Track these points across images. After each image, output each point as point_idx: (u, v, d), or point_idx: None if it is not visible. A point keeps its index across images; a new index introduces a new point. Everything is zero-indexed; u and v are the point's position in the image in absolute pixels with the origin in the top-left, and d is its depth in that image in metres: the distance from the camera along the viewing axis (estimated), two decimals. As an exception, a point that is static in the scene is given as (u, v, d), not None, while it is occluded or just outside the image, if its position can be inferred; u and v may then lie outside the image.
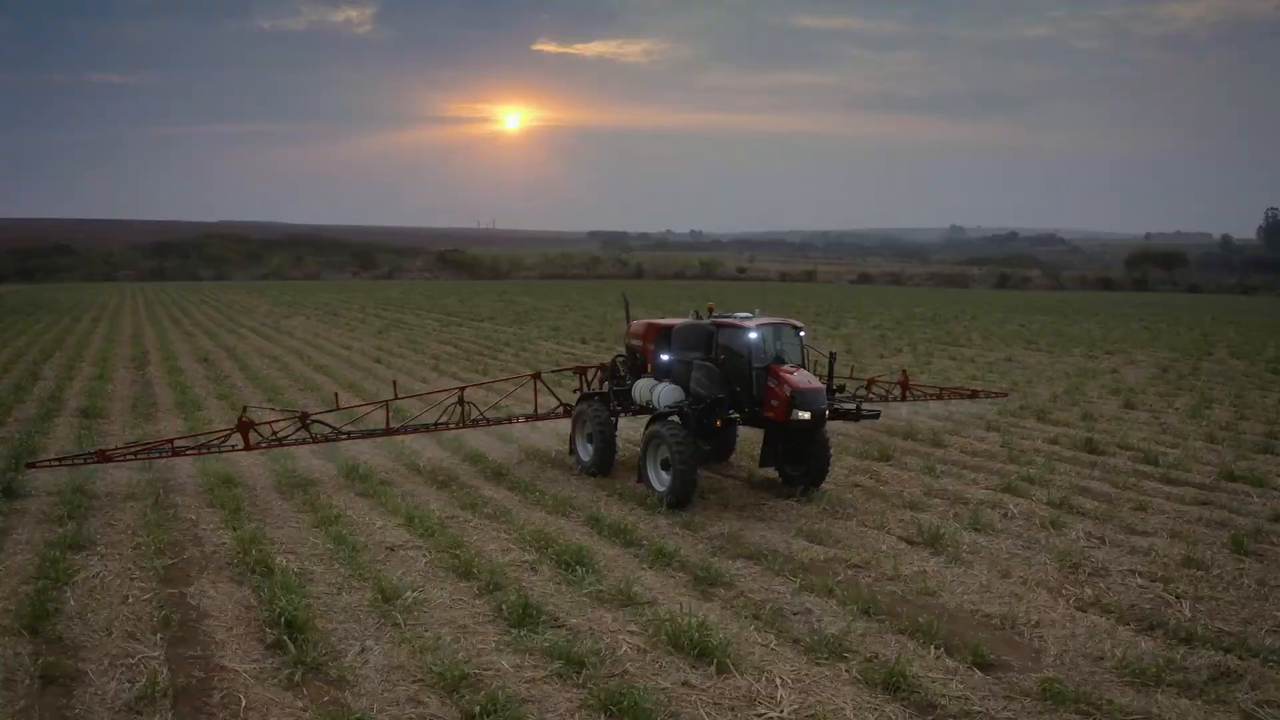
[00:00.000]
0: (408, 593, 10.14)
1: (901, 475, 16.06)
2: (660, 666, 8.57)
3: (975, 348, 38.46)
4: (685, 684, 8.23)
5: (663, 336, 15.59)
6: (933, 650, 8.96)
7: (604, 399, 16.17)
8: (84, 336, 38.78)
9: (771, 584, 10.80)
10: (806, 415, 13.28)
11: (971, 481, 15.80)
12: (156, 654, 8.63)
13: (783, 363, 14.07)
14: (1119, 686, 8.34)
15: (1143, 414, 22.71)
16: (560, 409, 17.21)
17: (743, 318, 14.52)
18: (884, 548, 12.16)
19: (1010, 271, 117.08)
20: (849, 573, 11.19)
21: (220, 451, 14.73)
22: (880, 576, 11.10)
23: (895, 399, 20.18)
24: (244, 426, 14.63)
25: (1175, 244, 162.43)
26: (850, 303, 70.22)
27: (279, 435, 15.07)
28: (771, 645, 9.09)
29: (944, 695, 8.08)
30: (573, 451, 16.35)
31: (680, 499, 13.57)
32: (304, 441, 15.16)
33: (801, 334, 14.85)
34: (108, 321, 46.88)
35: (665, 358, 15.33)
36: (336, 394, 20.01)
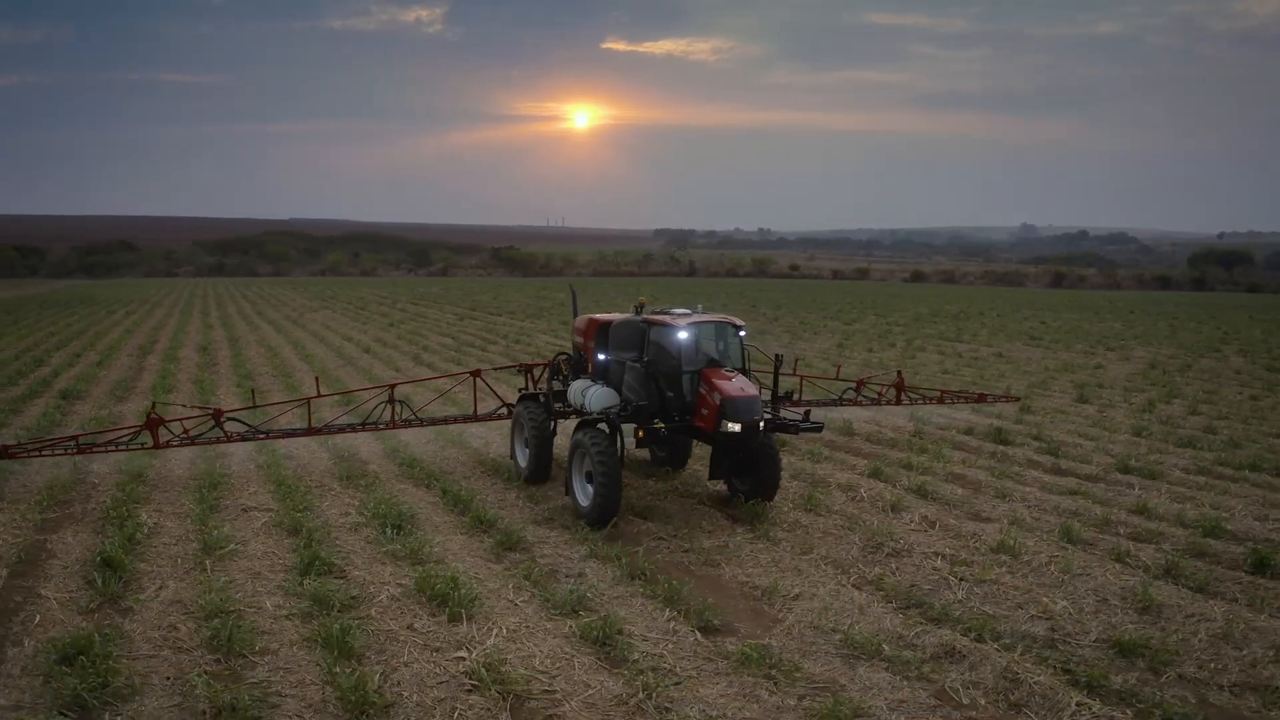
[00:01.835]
0: (230, 545, 11.61)
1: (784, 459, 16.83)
2: (400, 612, 9.81)
3: (973, 343, 38.83)
4: (410, 627, 9.45)
5: (601, 334, 14.66)
6: (666, 613, 9.93)
7: (545, 400, 15.37)
8: (107, 327, 42.02)
9: (568, 551, 11.90)
10: (736, 427, 12.27)
11: (848, 466, 16.52)
12: (0, 583, 10.29)
13: (719, 366, 13.12)
14: (826, 658, 9.08)
15: (1091, 408, 22.97)
16: (503, 409, 16.84)
17: (679, 314, 13.59)
18: (704, 524, 13.12)
19: (1067, 270, 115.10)
20: (653, 544, 12.18)
21: (128, 449, 14.54)
22: (678, 549, 12.08)
23: (889, 402, 19.56)
24: (153, 423, 14.34)
25: (1247, 244, 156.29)
26: (881, 300, 70.57)
27: (191, 434, 14.82)
28: (519, 602, 10.21)
29: (644, 652, 9.03)
30: (513, 456, 15.66)
31: (601, 516, 12.60)
32: (217, 440, 14.89)
33: (742, 334, 13.81)
34: (140, 314, 50.35)
35: (602, 357, 14.46)
36: (253, 390, 19.95)
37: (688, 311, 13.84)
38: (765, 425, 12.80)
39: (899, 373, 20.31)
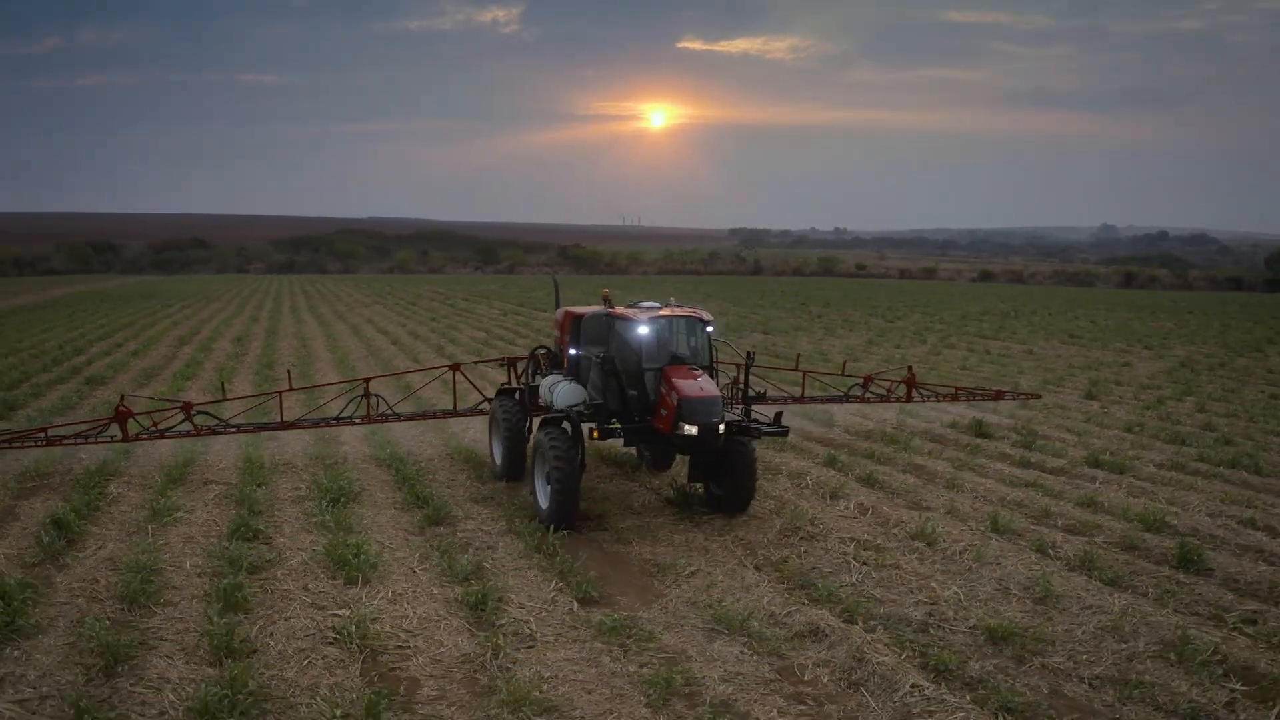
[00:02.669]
0: (177, 513, 12.66)
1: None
2: (303, 574, 10.63)
3: (1008, 341, 38.53)
4: (305, 588, 10.24)
5: (575, 327, 14.25)
6: (554, 584, 10.52)
7: (521, 396, 15.17)
8: (157, 319, 44.56)
9: (490, 526, 12.59)
10: (693, 430, 11.75)
11: (809, 455, 16.82)
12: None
13: (682, 364, 12.65)
14: (688, 631, 9.46)
15: (1094, 405, 22.76)
16: (484, 404, 16.61)
17: (648, 307, 13.31)
18: (635, 504, 13.64)
19: (1138, 270, 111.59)
20: (578, 523, 12.71)
21: (97, 441, 14.64)
22: (596, 527, 12.64)
23: (899, 399, 19.06)
24: (122, 416, 14.48)
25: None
26: (937, 299, 69.79)
27: (160, 427, 15.03)
28: (419, 570, 10.91)
29: (513, 618, 9.56)
30: (490, 452, 15.45)
31: (558, 520, 12.20)
32: (187, 434, 14.99)
33: (709, 329, 13.34)
34: (195, 308, 53.10)
35: (573, 352, 14.11)
36: (224, 384, 19.88)
37: (657, 306, 13.42)
38: (727, 429, 12.14)
39: (910, 369, 19.79)
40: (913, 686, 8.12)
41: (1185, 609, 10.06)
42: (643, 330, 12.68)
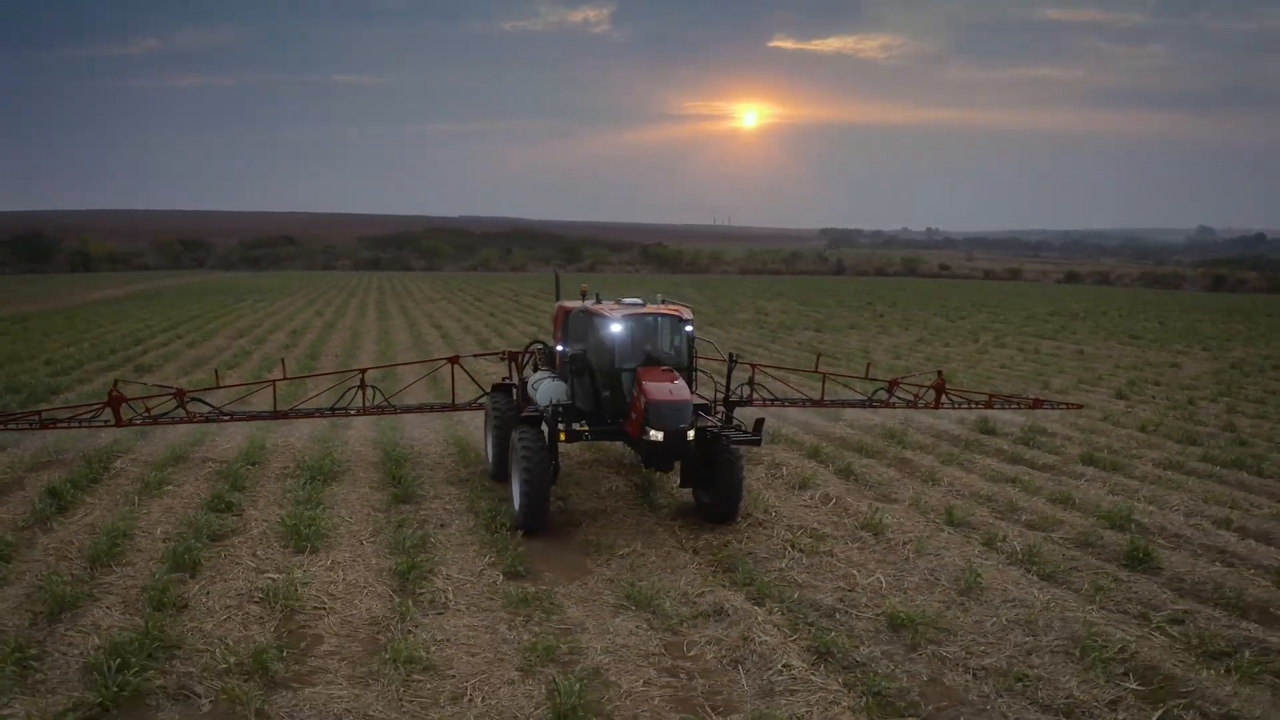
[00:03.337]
0: (168, 486, 13.78)
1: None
2: (258, 542, 11.50)
3: (1063, 341, 37.84)
4: (254, 554, 11.11)
5: (565, 323, 13.96)
6: (487, 559, 11.15)
7: (515, 392, 14.91)
8: (223, 312, 47.04)
9: (453, 505, 13.29)
10: (659, 435, 11.33)
11: (797, 446, 17.11)
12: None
13: (658, 364, 12.30)
14: (596, 606, 9.94)
15: (1120, 405, 22.29)
16: (484, 398, 16.14)
17: (628, 304, 13.08)
18: (601, 489, 14.23)
19: (1228, 273, 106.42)
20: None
21: (89, 426, 15.00)
22: (556, 509, 13.19)
23: (927, 405, 18.18)
24: (115, 401, 14.77)
25: None
26: (1009, 299, 68.51)
27: (153, 412, 15.35)
28: (366, 542, 11.67)
29: (436, 588, 10.22)
30: (485, 449, 15.17)
31: (526, 523, 11.98)
32: (180, 420, 15.26)
33: (688, 329, 12.99)
34: (267, 301, 55.79)
35: (559, 348, 13.84)
36: (216, 370, 19.78)
37: (639, 302, 13.13)
38: (699, 436, 11.80)
39: (939, 373, 18.83)
40: (784, 666, 8.39)
41: (1114, 606, 10.00)
42: (615, 328, 12.37)
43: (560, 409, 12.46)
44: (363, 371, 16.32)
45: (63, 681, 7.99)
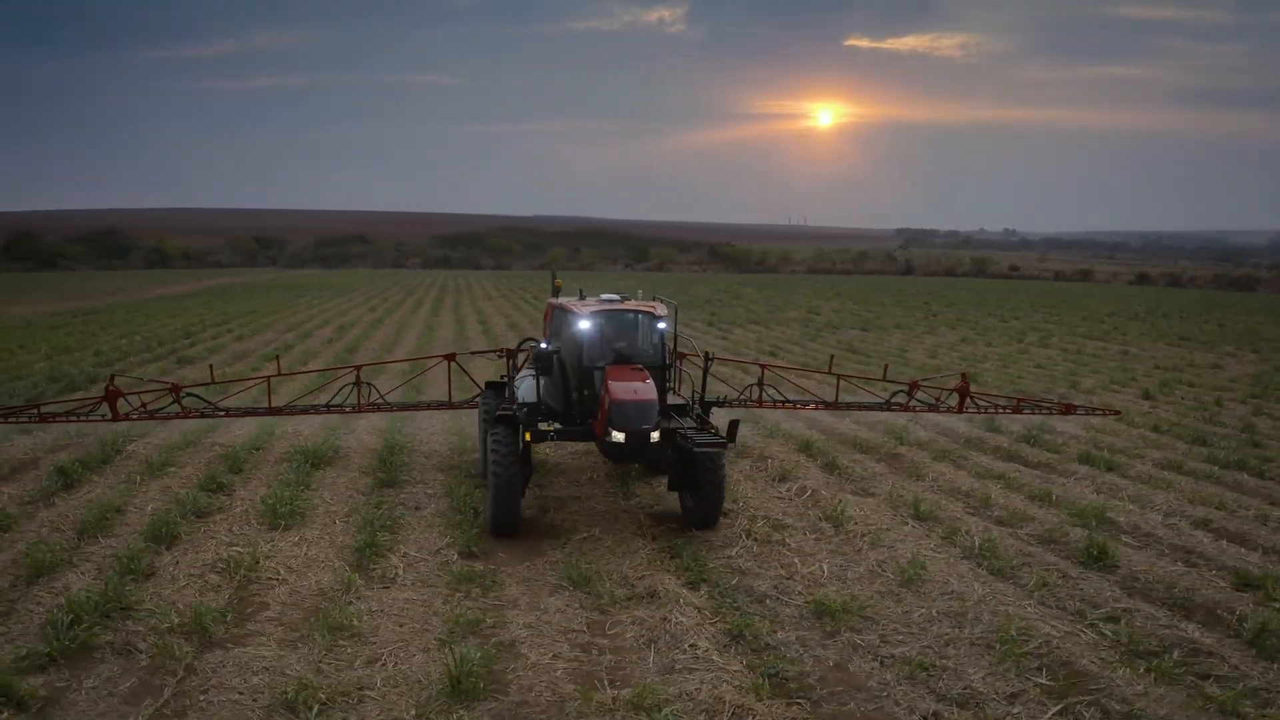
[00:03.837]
0: (171, 467, 14.75)
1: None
2: (239, 520, 12.26)
3: (1110, 342, 37.20)
4: (230, 529, 11.87)
5: (550, 321, 13.96)
6: (447, 539, 11.71)
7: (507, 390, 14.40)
8: (278, 308, 48.91)
9: (435, 490, 13.92)
10: (620, 436, 11.13)
11: (792, 439, 17.31)
12: None
13: (629, 362, 12.16)
14: (534, 585, 10.38)
15: (1144, 405, 21.91)
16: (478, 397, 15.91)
17: (605, 300, 12.95)
18: (582, 478, 14.70)
19: None
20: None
21: (86, 420, 15.31)
22: (531, 496, 13.65)
23: (949, 409, 17.36)
24: (112, 396, 15.07)
25: None
26: (1068, 300, 67.00)
27: (149, 407, 15.57)
28: (339, 522, 12.35)
29: (390, 564, 10.85)
30: (480, 450, 14.79)
31: (495, 525, 11.80)
32: (175, 415, 15.48)
33: (660, 325, 12.73)
34: (326, 298, 57.76)
35: (543, 346, 13.30)
36: (211, 366, 19.67)
37: (616, 299, 13.02)
38: (669, 437, 11.49)
39: (963, 376, 17.89)
40: (690, 647, 8.69)
41: (1054, 603, 9.99)
42: (584, 324, 12.26)
43: (526, 408, 12.35)
44: (357, 369, 16.36)
45: (22, 634, 8.79)
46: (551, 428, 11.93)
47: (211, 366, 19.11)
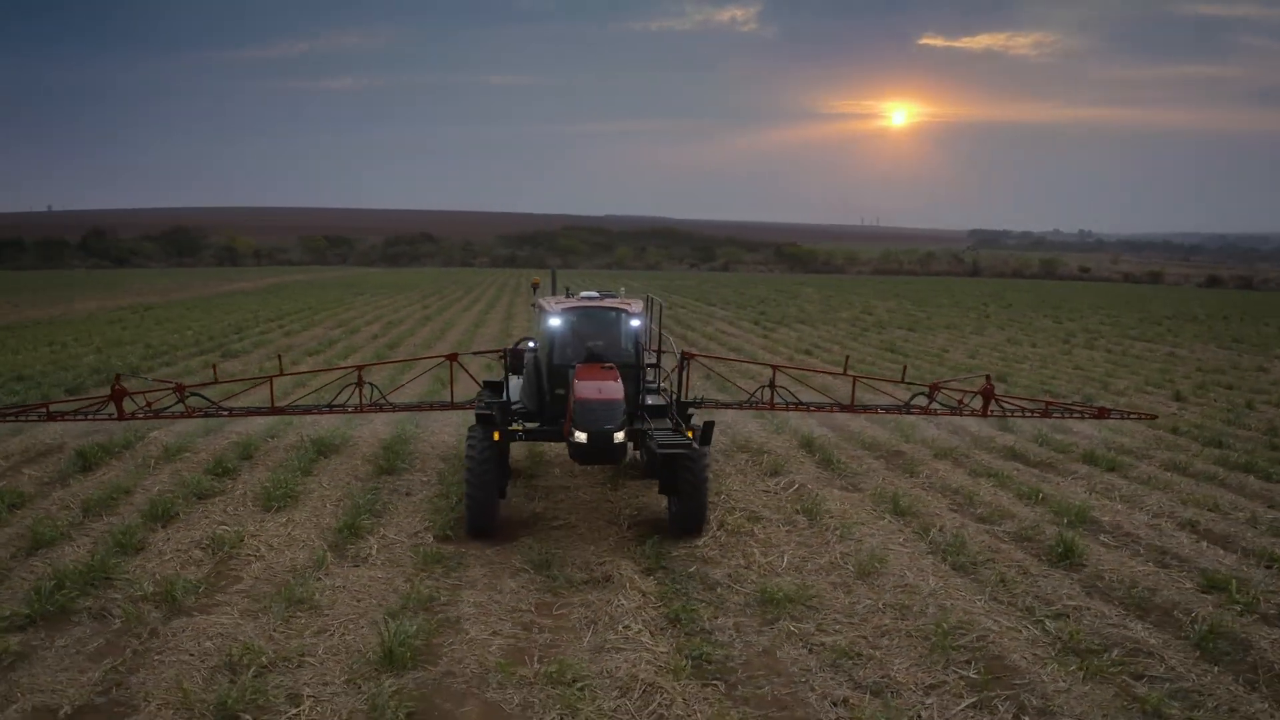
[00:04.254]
0: (186, 452, 15.65)
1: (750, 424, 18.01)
2: (238, 502, 13.00)
3: (1158, 343, 36.43)
4: (225, 510, 12.62)
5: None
6: (426, 524, 12.24)
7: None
8: (338, 305, 50.43)
9: (428, 477, 14.51)
10: (582, 437, 10.95)
11: (794, 434, 17.47)
12: None
13: (600, 361, 12.05)
14: (497, 565, 10.88)
15: (1171, 407, 21.50)
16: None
17: (585, 298, 12.88)
18: (576, 468, 15.03)
19: None
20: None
21: (94, 419, 15.57)
22: (520, 488, 14.16)
23: (972, 412, 16.89)
24: (118, 395, 15.34)
25: None
26: (1130, 302, 65.30)
27: (154, 406, 15.77)
28: (328, 504, 13.00)
29: (363, 544, 11.44)
30: None
31: (472, 526, 11.72)
32: (180, 415, 15.68)
33: (634, 323, 12.51)
34: (384, 295, 59.34)
35: (530, 344, 13.41)
36: (214, 366, 19.43)
37: (596, 296, 12.97)
38: (628, 437, 11.33)
39: (987, 378, 17.43)
40: (624, 628, 9.05)
41: (1008, 599, 10.02)
42: (554, 322, 12.24)
43: (496, 407, 12.21)
44: (359, 369, 16.33)
45: (10, 598, 9.58)
46: (520, 428, 11.85)
47: (214, 366, 19.41)
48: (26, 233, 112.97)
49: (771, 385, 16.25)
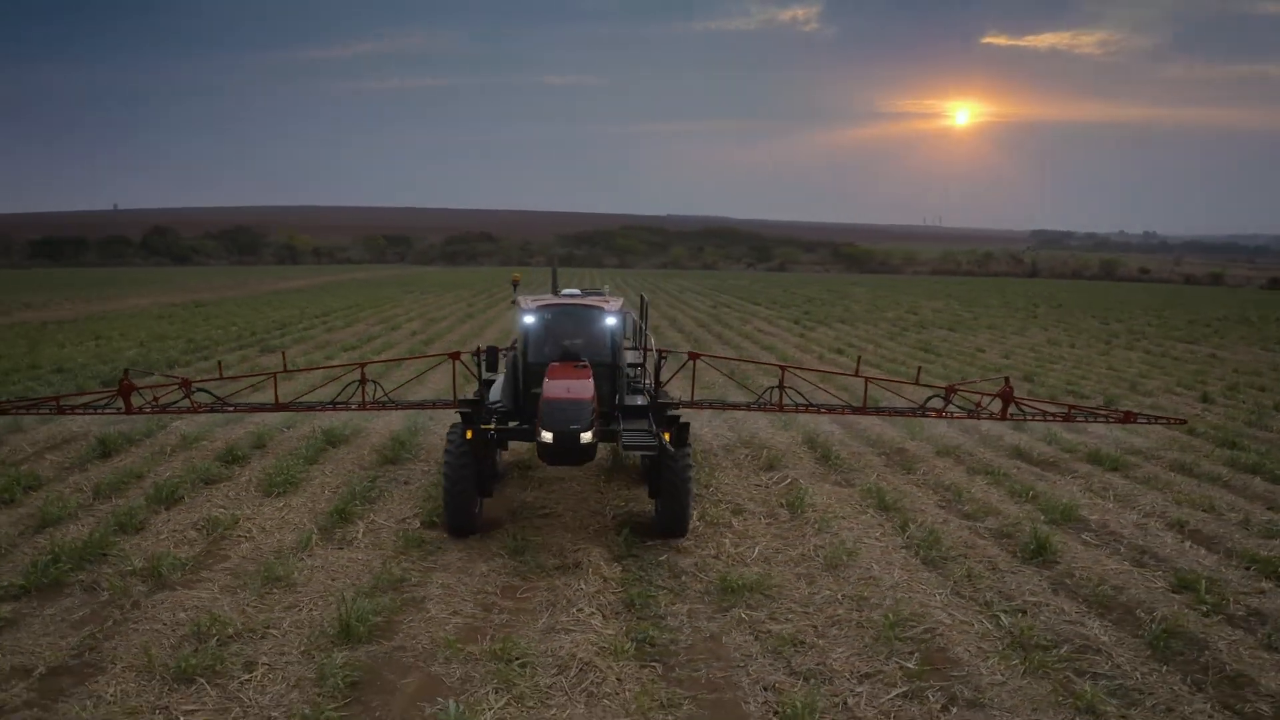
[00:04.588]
0: (202, 441, 16.41)
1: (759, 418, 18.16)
2: (243, 488, 13.63)
3: (1202, 345, 35.55)
4: (228, 495, 13.23)
5: None
6: (415, 510, 12.70)
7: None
8: (384, 302, 51.58)
9: (430, 468, 14.97)
10: (548, 436, 10.75)
11: (798, 430, 17.60)
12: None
13: (575, 359, 12.02)
14: (471, 552, 11.21)
15: (1196, 408, 21.04)
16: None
17: (565, 295, 12.73)
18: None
19: None
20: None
21: (102, 413, 15.94)
22: (518, 478, 14.56)
23: (991, 416, 16.42)
24: (126, 390, 15.58)
25: None
26: (1183, 303, 63.91)
27: (161, 401, 16.02)
28: (328, 490, 13.56)
29: (350, 528, 11.95)
30: None
31: (449, 524, 11.73)
32: (186, 410, 15.91)
33: (610, 322, 12.37)
34: (433, 293, 60.51)
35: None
36: (220, 363, 20.40)
37: (577, 293, 12.83)
38: (600, 438, 11.16)
39: (1006, 380, 16.98)
40: (576, 610, 9.39)
41: (971, 593, 10.06)
42: (527, 320, 12.21)
43: (470, 406, 12.15)
44: (362, 366, 16.44)
45: (10, 571, 10.25)
46: (491, 427, 11.64)
47: (220, 363, 20.06)
48: (91, 232, 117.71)
49: (780, 386, 15.99)
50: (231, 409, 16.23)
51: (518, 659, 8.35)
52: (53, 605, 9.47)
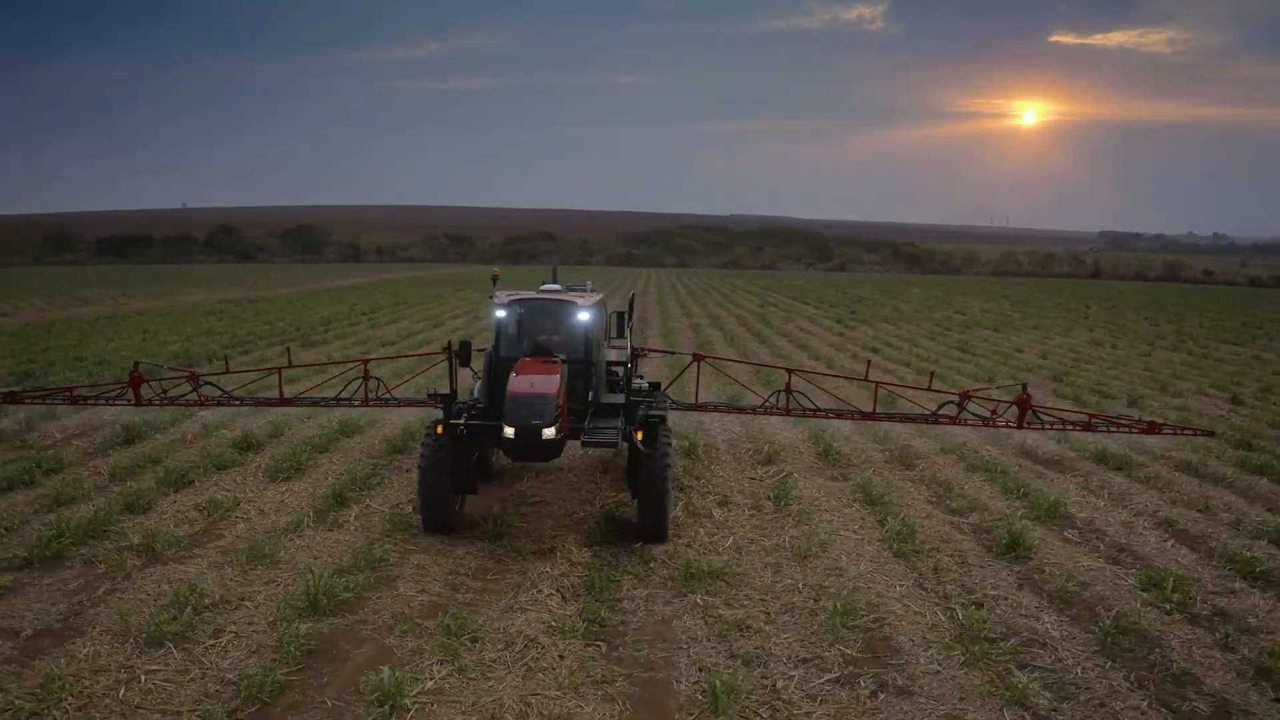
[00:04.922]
0: (222, 429, 17.14)
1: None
2: (252, 475, 14.27)
3: (1250, 347, 34.82)
4: (236, 481, 13.89)
5: None
6: (408, 498, 13.18)
7: None
8: (435, 299, 52.56)
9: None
10: (510, 432, 10.64)
11: (805, 426, 17.73)
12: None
13: (546, 354, 11.93)
14: (457, 539, 11.53)
15: (1223, 410, 20.55)
16: None
17: (545, 290, 12.82)
18: (576, 450, 15.73)
19: None
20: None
21: (113, 404, 16.43)
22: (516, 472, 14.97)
23: (1007, 424, 15.81)
24: (135, 382, 16.06)
25: None
26: (1239, 304, 62.65)
27: (169, 394, 16.53)
28: (330, 477, 14.14)
29: (342, 513, 12.48)
30: None
31: (426, 522, 11.70)
32: (194, 403, 16.47)
33: (583, 317, 12.20)
34: (491, 292, 61.32)
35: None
36: (226, 357, 20.90)
37: (557, 289, 12.90)
38: (560, 435, 10.86)
39: (1024, 386, 16.38)
40: (537, 591, 9.76)
41: (934, 586, 10.13)
42: (500, 314, 12.28)
43: (442, 401, 12.04)
44: (365, 362, 16.58)
45: (19, 544, 10.98)
46: (461, 422, 11.51)
47: (226, 357, 20.57)
48: (159, 229, 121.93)
49: (787, 390, 15.75)
50: (237, 403, 16.63)
51: (470, 634, 8.73)
52: (51, 576, 10.14)
